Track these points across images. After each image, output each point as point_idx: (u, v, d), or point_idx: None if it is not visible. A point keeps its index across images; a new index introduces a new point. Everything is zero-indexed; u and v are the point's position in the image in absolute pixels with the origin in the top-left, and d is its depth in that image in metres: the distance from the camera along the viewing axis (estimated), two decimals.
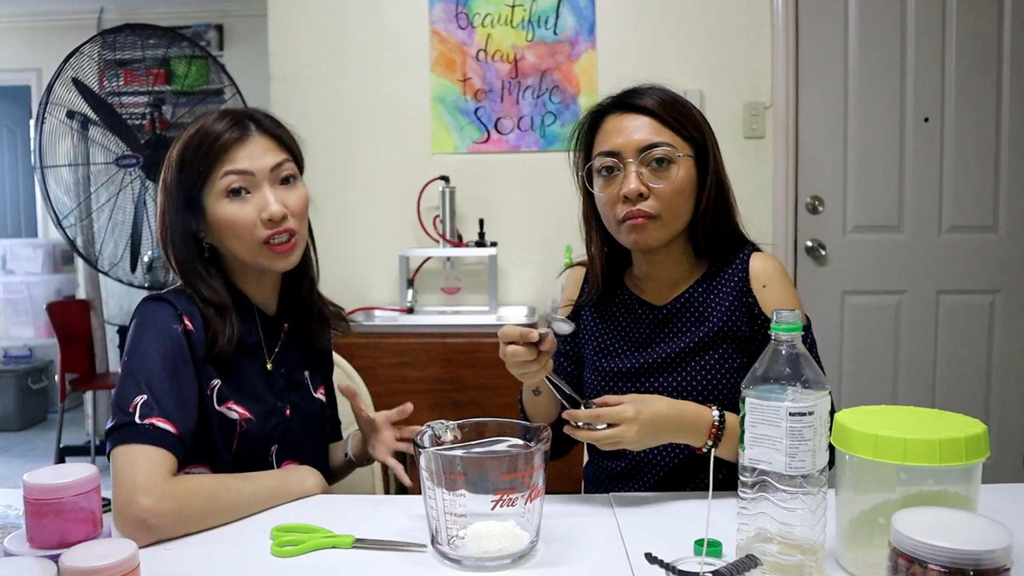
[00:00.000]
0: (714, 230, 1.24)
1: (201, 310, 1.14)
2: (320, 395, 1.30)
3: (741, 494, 0.85)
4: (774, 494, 0.82)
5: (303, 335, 1.28)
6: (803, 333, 1.19)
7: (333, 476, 1.36)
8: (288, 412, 1.22)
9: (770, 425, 0.82)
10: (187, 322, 1.12)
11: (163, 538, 0.97)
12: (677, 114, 1.19)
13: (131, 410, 1.01)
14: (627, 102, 1.21)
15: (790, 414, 0.80)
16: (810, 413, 0.81)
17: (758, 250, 1.26)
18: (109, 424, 1.03)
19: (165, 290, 1.17)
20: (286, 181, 1.18)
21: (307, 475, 1.15)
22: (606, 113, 1.23)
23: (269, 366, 1.22)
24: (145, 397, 1.03)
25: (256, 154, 1.15)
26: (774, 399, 0.82)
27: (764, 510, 0.83)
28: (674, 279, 1.27)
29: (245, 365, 1.18)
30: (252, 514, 1.06)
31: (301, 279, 1.27)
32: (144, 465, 0.98)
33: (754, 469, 0.83)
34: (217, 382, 1.13)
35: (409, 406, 1.27)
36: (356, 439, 1.33)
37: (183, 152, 1.14)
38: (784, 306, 1.19)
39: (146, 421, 1.01)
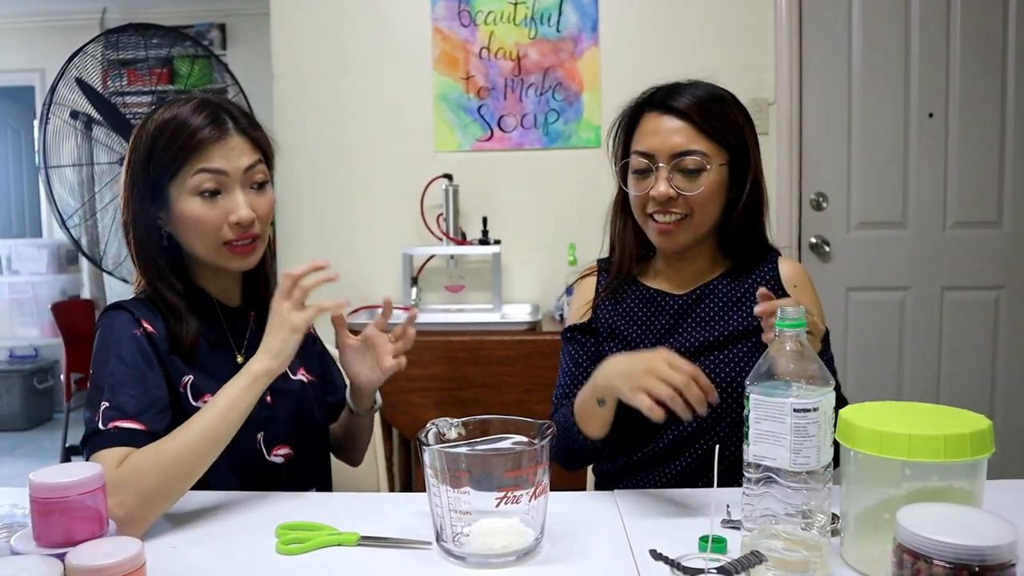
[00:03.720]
0: (743, 230, 1.27)
1: (160, 312, 1.14)
2: (300, 376, 1.28)
3: (746, 490, 0.85)
4: (779, 490, 0.82)
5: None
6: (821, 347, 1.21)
7: (351, 443, 1.36)
8: (268, 398, 1.21)
9: (775, 421, 0.82)
10: (146, 325, 1.12)
11: (146, 522, 0.96)
12: (714, 118, 1.20)
13: (96, 418, 1.02)
14: (666, 103, 1.22)
15: (794, 410, 0.81)
16: (815, 409, 0.81)
17: (779, 255, 1.31)
18: (82, 437, 1.03)
19: (126, 299, 1.17)
20: (258, 186, 1.17)
21: (253, 361, 1.08)
22: (645, 110, 1.25)
23: (240, 359, 1.21)
24: (107, 404, 1.03)
25: (232, 154, 1.13)
26: (778, 395, 0.82)
27: (769, 506, 0.83)
28: (696, 273, 1.30)
29: (215, 358, 1.18)
30: (222, 444, 1.03)
31: (259, 274, 1.27)
32: (107, 468, 0.96)
33: (759, 465, 0.83)
34: (189, 377, 1.13)
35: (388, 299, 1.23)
36: (350, 391, 1.30)
37: (154, 138, 1.12)
38: (811, 308, 1.22)
39: (110, 425, 1.01)
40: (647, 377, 0.99)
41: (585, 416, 1.15)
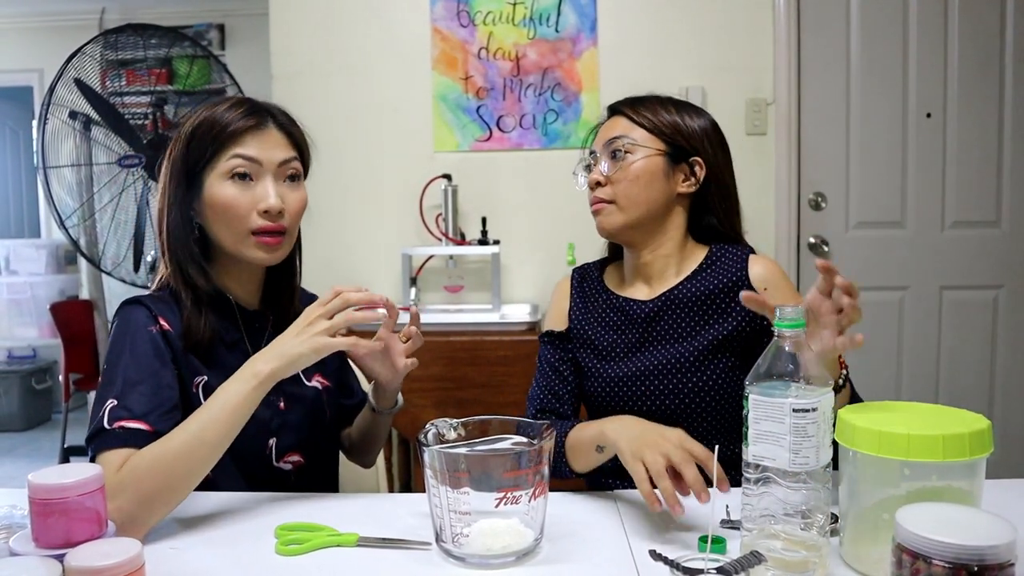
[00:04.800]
0: (710, 228, 1.30)
1: (179, 303, 1.14)
2: (315, 383, 1.27)
3: (745, 491, 0.85)
4: (778, 490, 0.82)
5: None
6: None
7: (367, 445, 1.35)
8: (283, 404, 1.21)
9: (774, 422, 0.82)
10: (163, 322, 1.11)
11: (146, 525, 0.95)
12: (646, 110, 1.27)
13: (102, 415, 1.01)
14: (612, 106, 1.33)
15: (793, 410, 0.81)
16: (813, 409, 0.81)
17: (754, 252, 1.29)
18: (87, 433, 1.02)
19: (144, 294, 1.17)
20: (291, 179, 1.19)
21: (259, 360, 1.04)
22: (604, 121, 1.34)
23: None
24: (115, 402, 1.02)
25: (268, 145, 1.15)
26: (777, 396, 0.82)
27: (768, 506, 0.83)
28: (659, 278, 1.30)
29: (230, 360, 1.17)
30: (222, 448, 1.00)
31: (283, 280, 1.26)
32: (108, 471, 0.95)
33: (758, 465, 0.83)
34: (203, 378, 1.12)
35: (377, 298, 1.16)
36: (371, 390, 1.29)
37: (195, 128, 1.14)
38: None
39: (115, 425, 1.00)
40: (650, 449, 0.96)
41: (578, 452, 1.14)
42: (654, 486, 0.93)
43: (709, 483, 0.90)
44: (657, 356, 1.25)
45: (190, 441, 0.98)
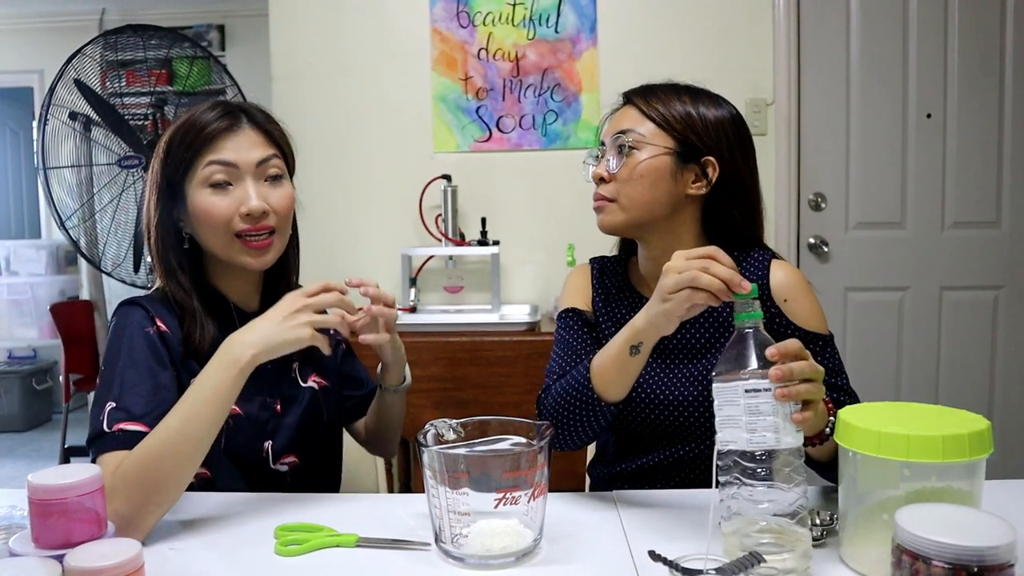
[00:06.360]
0: (726, 230, 1.24)
1: (177, 311, 1.14)
2: (311, 383, 1.26)
3: (719, 478, 0.86)
4: (746, 476, 0.84)
5: None
6: (825, 345, 1.19)
7: (383, 430, 1.33)
8: (279, 407, 1.20)
9: (732, 405, 0.85)
10: (160, 323, 1.11)
11: (144, 526, 0.95)
12: (658, 103, 1.21)
13: (101, 418, 1.01)
14: (626, 95, 1.27)
15: (745, 391, 0.83)
16: (766, 389, 0.83)
17: (777, 257, 1.24)
18: (87, 436, 1.02)
19: (142, 295, 1.17)
20: (273, 179, 1.16)
21: (237, 346, 1.01)
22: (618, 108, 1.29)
23: None
24: (113, 404, 1.02)
25: (243, 146, 1.13)
26: (732, 380, 0.85)
27: (739, 493, 0.84)
28: None
29: None
30: (208, 439, 0.99)
31: (281, 280, 1.25)
32: (107, 473, 0.94)
33: (728, 452, 0.85)
34: None
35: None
36: (380, 368, 1.28)
37: (171, 139, 1.14)
38: (808, 319, 1.19)
39: (115, 428, 1.00)
40: (671, 276, 0.94)
41: (609, 373, 1.05)
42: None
43: (709, 484, 0.90)
44: (676, 368, 1.22)
45: (174, 438, 0.97)
